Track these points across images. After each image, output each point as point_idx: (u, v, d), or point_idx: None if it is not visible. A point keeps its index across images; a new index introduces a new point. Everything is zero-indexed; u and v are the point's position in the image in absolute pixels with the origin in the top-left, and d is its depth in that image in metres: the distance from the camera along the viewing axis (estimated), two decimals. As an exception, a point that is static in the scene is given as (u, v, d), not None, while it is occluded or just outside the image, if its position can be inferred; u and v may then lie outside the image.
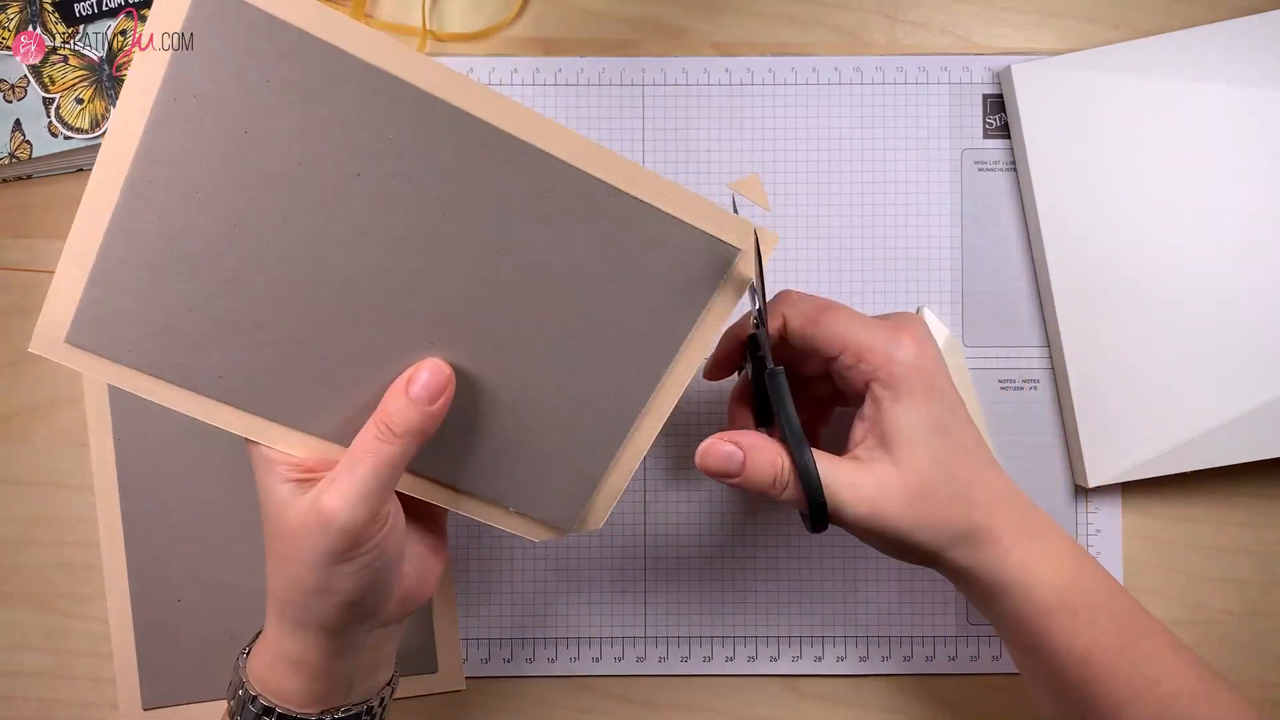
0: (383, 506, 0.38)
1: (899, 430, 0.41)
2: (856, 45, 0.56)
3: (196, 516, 0.53)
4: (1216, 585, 0.55)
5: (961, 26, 0.56)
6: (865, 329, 0.41)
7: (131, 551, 0.53)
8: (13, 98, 0.52)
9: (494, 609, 0.55)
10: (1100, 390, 0.53)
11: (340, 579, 0.38)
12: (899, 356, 0.41)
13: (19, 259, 0.55)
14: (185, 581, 0.53)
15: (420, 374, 0.39)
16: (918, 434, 0.40)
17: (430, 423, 0.39)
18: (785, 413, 0.41)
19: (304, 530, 0.37)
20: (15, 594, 0.55)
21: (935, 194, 0.55)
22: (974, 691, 0.55)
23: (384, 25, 0.55)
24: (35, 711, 0.54)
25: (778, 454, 0.41)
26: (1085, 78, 0.53)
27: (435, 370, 0.39)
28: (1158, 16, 0.55)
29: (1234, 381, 0.52)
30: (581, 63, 0.55)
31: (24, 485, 0.55)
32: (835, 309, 0.42)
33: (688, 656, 0.55)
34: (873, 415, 0.41)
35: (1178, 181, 0.53)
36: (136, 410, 0.53)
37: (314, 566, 0.37)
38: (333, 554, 0.37)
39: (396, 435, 0.38)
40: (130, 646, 0.53)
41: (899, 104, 0.55)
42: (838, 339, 0.42)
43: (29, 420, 0.55)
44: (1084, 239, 0.53)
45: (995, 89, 0.55)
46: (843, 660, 0.55)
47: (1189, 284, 0.52)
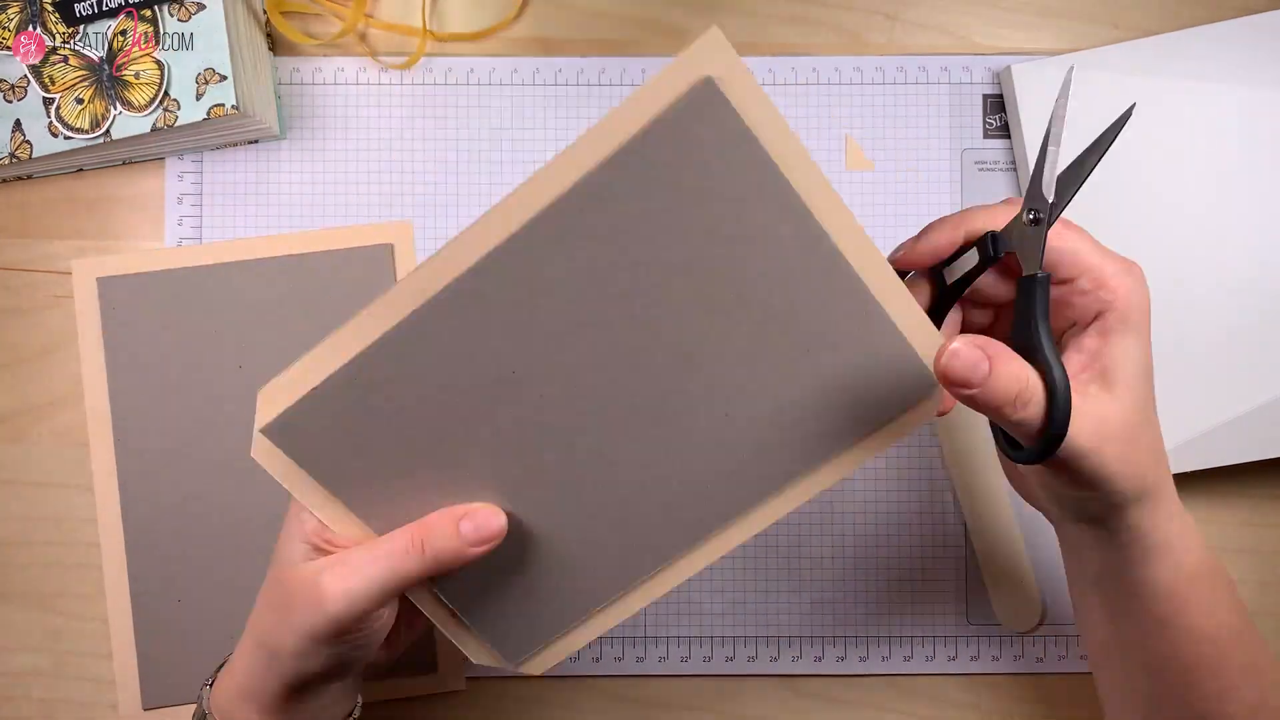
0: (380, 609, 0.38)
1: (1124, 367, 0.38)
2: (857, 45, 0.56)
3: (196, 516, 0.53)
4: (1216, 585, 0.55)
5: (961, 26, 0.56)
6: (1106, 258, 0.39)
7: (131, 551, 0.53)
8: (13, 98, 0.52)
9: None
10: (1100, 390, 0.53)
11: (315, 654, 0.38)
12: (1138, 290, 0.38)
13: (19, 259, 0.55)
14: (185, 581, 0.53)
15: (479, 514, 0.38)
16: (1137, 375, 0.38)
17: (461, 562, 0.38)
18: (1043, 325, 0.37)
19: (298, 598, 0.37)
20: (15, 594, 0.55)
21: (935, 194, 0.55)
22: (974, 691, 0.55)
23: (385, 25, 0.55)
24: (35, 711, 0.54)
25: (1025, 368, 0.36)
26: (1085, 78, 0.53)
27: (491, 517, 0.39)
28: (1158, 16, 0.55)
29: (1234, 381, 0.52)
30: (581, 63, 0.55)
31: (24, 485, 0.55)
32: (1077, 230, 0.39)
33: (688, 656, 0.55)
34: (1095, 348, 0.38)
35: (1178, 181, 0.53)
36: (136, 411, 0.53)
37: (296, 633, 0.37)
38: (315, 634, 0.37)
39: (426, 556, 0.38)
40: (130, 646, 0.53)
41: (899, 104, 0.55)
42: (1081, 260, 0.38)
43: (29, 420, 0.55)
44: (1084, 239, 0.53)
45: (995, 89, 0.55)
46: (843, 660, 0.55)
47: (1189, 284, 0.52)
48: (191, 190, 0.55)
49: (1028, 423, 0.36)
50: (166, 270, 0.54)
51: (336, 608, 0.37)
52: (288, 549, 0.39)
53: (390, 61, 0.55)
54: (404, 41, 0.56)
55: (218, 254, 0.54)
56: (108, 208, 0.55)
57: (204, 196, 0.55)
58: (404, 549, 0.38)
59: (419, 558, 0.38)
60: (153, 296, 0.53)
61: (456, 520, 0.38)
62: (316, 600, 0.37)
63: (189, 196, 0.55)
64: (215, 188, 0.55)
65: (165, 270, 0.54)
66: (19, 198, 0.55)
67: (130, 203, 0.55)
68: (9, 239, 0.55)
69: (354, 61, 0.55)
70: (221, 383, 0.53)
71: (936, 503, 0.55)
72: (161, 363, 0.53)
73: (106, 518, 0.53)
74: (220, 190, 0.55)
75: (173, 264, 0.54)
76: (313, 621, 0.37)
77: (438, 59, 0.56)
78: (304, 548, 0.39)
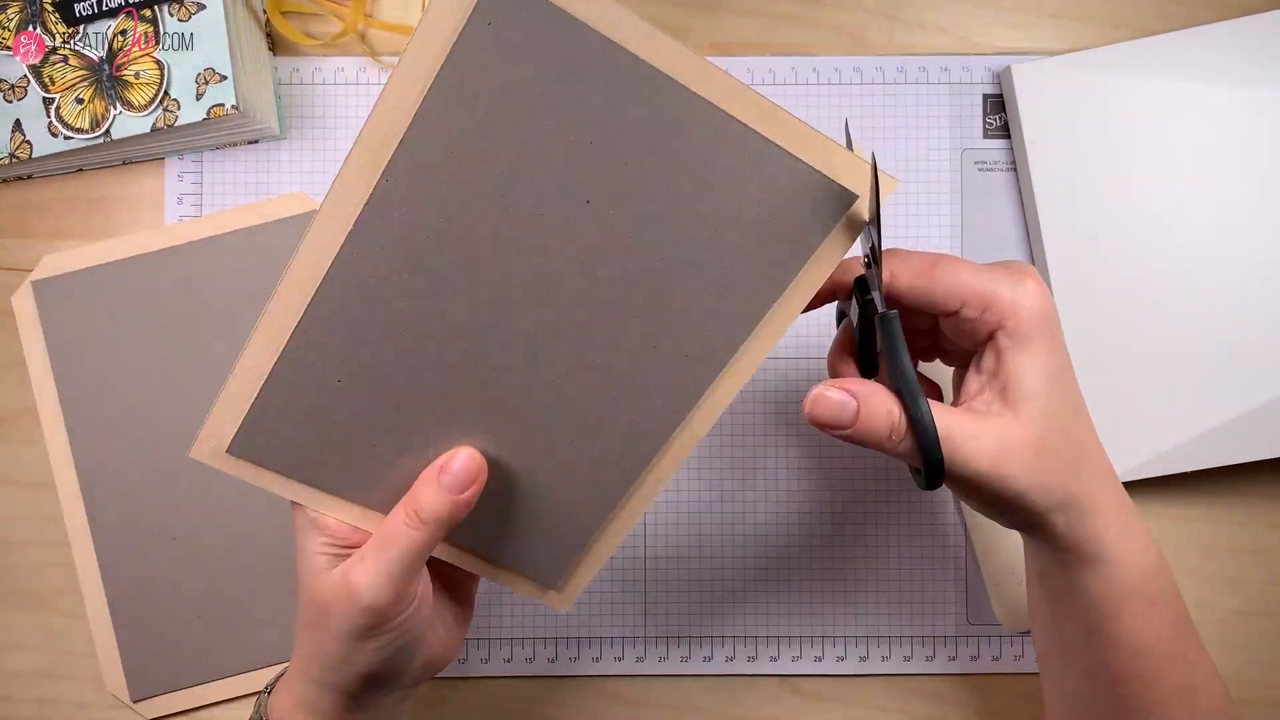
0: (410, 587, 0.39)
1: (1022, 381, 0.38)
2: (856, 45, 0.56)
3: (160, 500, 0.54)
4: (1217, 584, 0.55)
5: (961, 26, 0.56)
6: (986, 277, 0.38)
7: (100, 546, 0.54)
8: (13, 98, 0.52)
9: (496, 609, 0.55)
10: (1100, 390, 0.53)
11: (363, 654, 0.39)
12: (1026, 303, 0.38)
13: (19, 259, 0.55)
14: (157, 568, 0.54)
15: (453, 463, 0.39)
16: (1040, 386, 0.38)
17: (459, 511, 0.39)
18: (899, 360, 0.37)
19: (333, 603, 0.38)
20: (14, 594, 0.55)
21: (935, 194, 0.55)
22: (974, 691, 0.55)
23: (384, 25, 0.55)
24: (33, 711, 0.54)
25: (893, 403, 0.37)
26: (1085, 78, 0.53)
27: (466, 461, 0.39)
28: (1158, 16, 0.55)
29: (1234, 381, 0.52)
30: (581, 63, 0.55)
31: (24, 485, 0.55)
32: (949, 260, 0.39)
33: (688, 656, 0.55)
34: (992, 367, 0.39)
35: (1178, 181, 0.53)
36: (87, 404, 0.54)
37: (339, 638, 0.39)
38: (357, 630, 0.38)
39: (424, 522, 0.38)
40: (112, 642, 0.54)
41: (899, 104, 0.55)
42: (957, 290, 0.38)
43: (28, 420, 0.55)
44: (1084, 239, 0.53)
45: (995, 89, 0.55)
46: (843, 660, 0.55)
47: (1189, 284, 0.52)
48: (192, 190, 0.55)
49: (908, 456, 0.38)
50: (100, 265, 0.54)
51: (368, 597, 0.38)
52: (308, 564, 0.40)
53: (390, 61, 0.55)
54: (403, 42, 0.56)
55: (147, 243, 0.54)
56: (108, 208, 0.55)
57: (204, 196, 0.55)
58: (403, 524, 0.39)
59: (419, 525, 0.38)
60: (89, 293, 0.54)
61: (436, 478, 0.39)
62: (349, 597, 0.38)
63: (189, 196, 0.55)
64: (215, 188, 0.55)
65: (99, 266, 0.54)
66: (19, 198, 0.55)
67: (130, 203, 0.55)
68: (9, 239, 0.55)
69: (354, 61, 0.55)
70: (170, 369, 0.54)
71: (936, 503, 0.55)
72: (107, 355, 0.54)
73: (71, 512, 0.54)
74: (220, 190, 0.55)
75: (106, 258, 0.54)
76: (351, 618, 0.38)
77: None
78: (323, 558, 0.40)
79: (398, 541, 0.38)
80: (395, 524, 0.39)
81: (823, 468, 0.55)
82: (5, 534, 0.55)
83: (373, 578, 0.38)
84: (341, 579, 0.38)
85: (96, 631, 0.54)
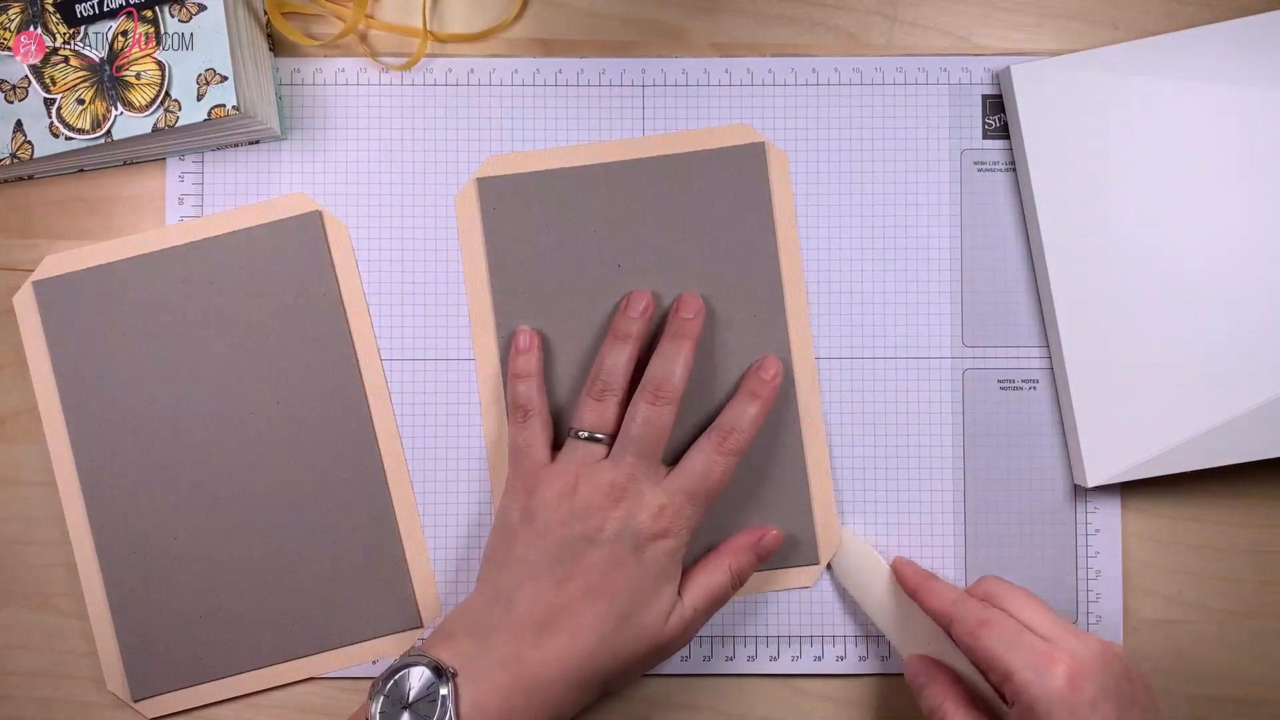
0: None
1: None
2: (856, 46, 0.56)
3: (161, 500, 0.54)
4: (1215, 585, 0.55)
5: (961, 27, 0.56)
6: (1015, 651, 0.42)
7: (100, 545, 0.54)
8: (14, 98, 0.52)
9: (494, 609, 0.55)
10: (1100, 390, 0.53)
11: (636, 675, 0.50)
12: (1040, 692, 0.41)
13: (19, 259, 0.55)
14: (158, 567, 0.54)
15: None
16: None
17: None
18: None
19: (675, 643, 0.48)
20: (16, 594, 0.55)
21: (935, 194, 0.55)
22: (974, 691, 0.55)
23: (385, 26, 0.55)
24: (34, 711, 0.54)
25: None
26: (1085, 78, 0.53)
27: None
28: (1158, 16, 0.55)
29: (1234, 381, 0.52)
30: (581, 63, 0.55)
31: (24, 485, 0.55)
32: (992, 623, 0.44)
33: (688, 656, 0.55)
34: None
35: (1178, 181, 0.53)
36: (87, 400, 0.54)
37: (646, 666, 0.48)
38: (662, 656, 0.48)
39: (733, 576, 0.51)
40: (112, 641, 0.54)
41: (899, 104, 0.55)
42: (988, 657, 0.43)
43: (29, 420, 0.55)
44: (1084, 239, 0.53)
45: (995, 89, 0.55)
46: (842, 660, 0.55)
47: (1189, 284, 0.53)
48: (192, 191, 0.55)
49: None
50: (101, 266, 0.54)
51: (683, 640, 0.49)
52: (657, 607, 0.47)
53: (390, 62, 0.55)
54: (404, 42, 0.56)
55: (147, 243, 0.54)
56: (109, 208, 0.55)
57: (205, 197, 0.55)
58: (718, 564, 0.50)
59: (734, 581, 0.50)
60: (90, 293, 0.54)
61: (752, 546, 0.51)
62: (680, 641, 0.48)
63: (190, 197, 0.55)
64: (216, 188, 0.55)
65: (100, 266, 0.54)
66: (20, 198, 0.55)
67: (131, 203, 0.55)
68: (10, 239, 0.55)
69: (354, 62, 0.56)
70: (171, 369, 0.53)
71: (936, 503, 0.55)
72: (108, 355, 0.54)
73: (72, 512, 0.54)
74: (221, 191, 0.55)
75: (107, 258, 0.54)
76: (668, 654, 0.49)
77: (438, 59, 0.56)
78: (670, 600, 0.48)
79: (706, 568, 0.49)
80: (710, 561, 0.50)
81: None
82: (5, 534, 0.55)
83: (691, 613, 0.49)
84: (682, 623, 0.48)
85: (97, 631, 0.54)
